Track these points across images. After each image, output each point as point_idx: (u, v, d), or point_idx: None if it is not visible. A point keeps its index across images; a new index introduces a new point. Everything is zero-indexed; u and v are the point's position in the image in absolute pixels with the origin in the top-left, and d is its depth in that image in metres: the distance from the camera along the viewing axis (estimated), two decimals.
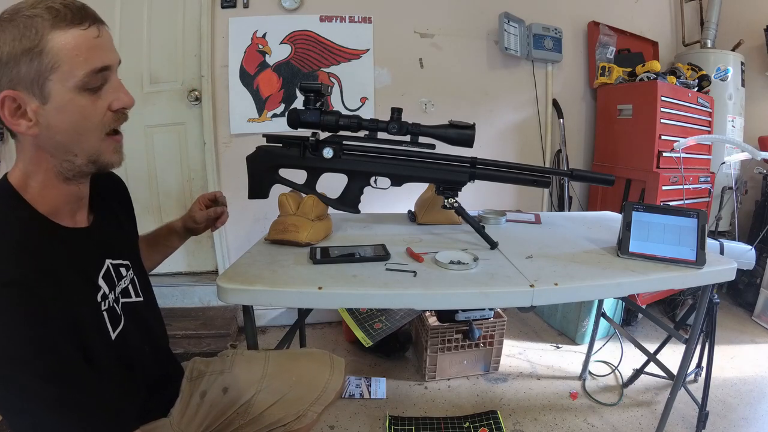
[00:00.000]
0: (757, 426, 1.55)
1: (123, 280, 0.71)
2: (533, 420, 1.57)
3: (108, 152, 0.63)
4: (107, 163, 0.64)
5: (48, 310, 0.51)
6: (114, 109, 0.62)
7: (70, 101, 0.56)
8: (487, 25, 2.30)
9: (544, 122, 2.45)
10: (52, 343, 0.50)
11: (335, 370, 0.90)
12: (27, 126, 0.57)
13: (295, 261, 0.98)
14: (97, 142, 0.61)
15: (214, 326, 2.07)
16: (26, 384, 0.48)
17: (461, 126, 1.04)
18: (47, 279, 0.52)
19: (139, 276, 0.77)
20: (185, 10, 2.07)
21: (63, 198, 0.63)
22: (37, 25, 0.54)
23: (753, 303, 2.34)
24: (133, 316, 0.70)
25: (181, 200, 2.26)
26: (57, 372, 0.49)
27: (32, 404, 0.48)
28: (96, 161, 0.62)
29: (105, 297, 0.64)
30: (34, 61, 0.54)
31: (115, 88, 0.61)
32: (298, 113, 1.04)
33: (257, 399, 0.85)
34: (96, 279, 0.64)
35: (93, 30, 0.57)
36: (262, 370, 0.88)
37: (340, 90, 2.19)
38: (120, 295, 0.69)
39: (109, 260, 0.68)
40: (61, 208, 0.63)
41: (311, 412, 0.85)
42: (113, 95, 0.61)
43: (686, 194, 2.06)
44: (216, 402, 0.84)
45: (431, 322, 1.77)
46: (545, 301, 0.89)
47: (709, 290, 1.18)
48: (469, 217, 1.13)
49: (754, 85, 2.55)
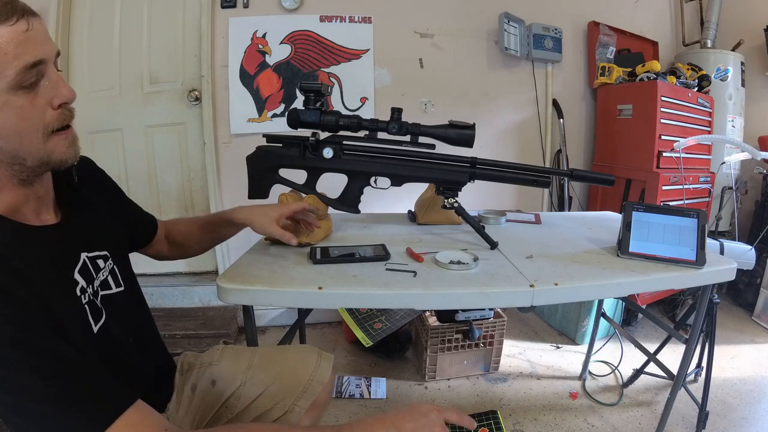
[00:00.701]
0: (757, 426, 1.55)
1: (101, 272, 0.70)
2: (533, 420, 1.57)
3: (59, 150, 0.59)
4: (60, 161, 0.60)
5: (24, 309, 0.50)
6: (55, 106, 0.58)
7: (5, 103, 0.53)
8: (487, 25, 2.30)
9: (544, 122, 2.45)
10: (33, 340, 0.49)
11: (321, 363, 0.88)
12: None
13: (295, 261, 0.98)
14: (43, 143, 0.57)
15: (214, 326, 2.07)
16: (16, 382, 0.48)
17: (461, 126, 1.04)
18: (17, 280, 0.51)
19: (119, 265, 0.75)
20: (185, 10, 2.07)
21: (21, 199, 0.60)
22: None
23: (753, 303, 2.34)
24: (115, 308, 0.69)
25: (181, 200, 2.26)
26: (44, 366, 0.49)
27: (27, 401, 0.49)
28: (48, 161, 0.59)
29: (84, 291, 0.63)
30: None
31: (53, 83, 0.57)
32: (298, 113, 1.04)
33: (242, 391, 0.84)
34: (71, 274, 0.63)
35: (21, 24, 0.53)
36: (248, 362, 0.88)
37: (340, 90, 2.19)
38: (99, 287, 0.68)
39: (84, 254, 0.67)
40: (22, 208, 0.61)
41: (298, 408, 0.83)
42: (52, 91, 0.57)
43: (686, 194, 2.06)
44: (205, 395, 0.84)
45: (431, 322, 1.77)
46: (545, 301, 0.89)
47: (709, 290, 1.18)
48: (469, 217, 1.13)
49: (754, 85, 2.55)
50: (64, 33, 2.00)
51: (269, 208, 0.98)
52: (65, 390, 0.50)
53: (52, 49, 0.58)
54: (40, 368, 0.49)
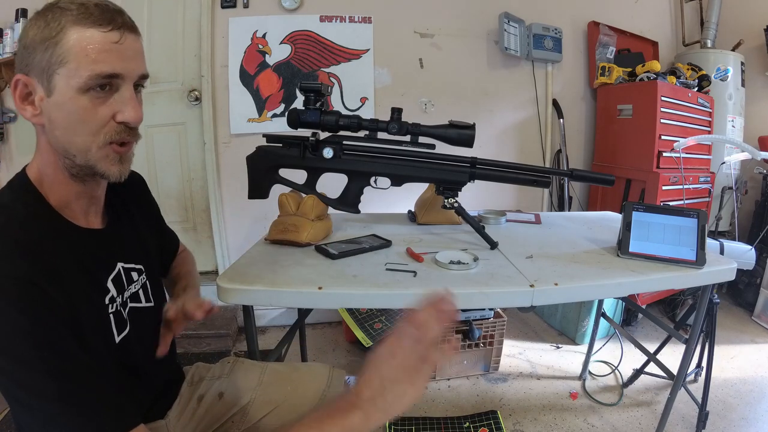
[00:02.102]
0: (757, 426, 1.55)
1: (134, 284, 0.71)
2: (533, 420, 1.57)
3: (104, 161, 0.60)
4: (104, 172, 0.61)
5: (50, 307, 0.51)
6: (117, 121, 0.59)
7: (71, 99, 0.56)
8: (487, 25, 2.30)
9: (544, 122, 2.45)
10: (53, 340, 0.50)
11: (333, 382, 0.88)
12: (32, 113, 0.57)
13: (295, 261, 0.98)
14: (93, 148, 0.59)
15: (214, 326, 2.07)
16: (29, 380, 0.48)
17: (461, 126, 1.04)
18: (50, 277, 0.52)
19: (151, 281, 0.76)
20: (185, 10, 2.07)
21: (72, 195, 0.62)
22: (62, 18, 0.54)
23: (753, 303, 2.34)
24: (140, 322, 0.70)
25: (181, 200, 2.26)
26: (59, 368, 0.49)
27: (36, 399, 0.49)
28: (93, 168, 0.60)
29: (113, 300, 0.64)
30: (48, 51, 0.54)
31: (124, 100, 0.59)
32: (298, 113, 1.04)
33: (252, 407, 0.84)
34: (105, 281, 0.63)
35: (114, 34, 0.56)
36: (258, 378, 0.87)
37: (340, 90, 2.19)
38: (129, 299, 0.69)
39: (120, 264, 0.68)
40: (71, 203, 0.62)
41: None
42: (120, 107, 0.59)
43: (686, 194, 2.06)
44: (211, 406, 0.84)
45: None
46: (545, 301, 0.89)
47: (709, 290, 1.18)
48: (469, 217, 1.13)
49: (754, 85, 2.55)
50: None
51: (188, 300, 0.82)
52: (77, 396, 0.50)
53: (137, 69, 0.60)
54: (56, 370, 0.49)
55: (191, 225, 2.31)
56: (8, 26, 1.91)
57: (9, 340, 0.48)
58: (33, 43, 0.55)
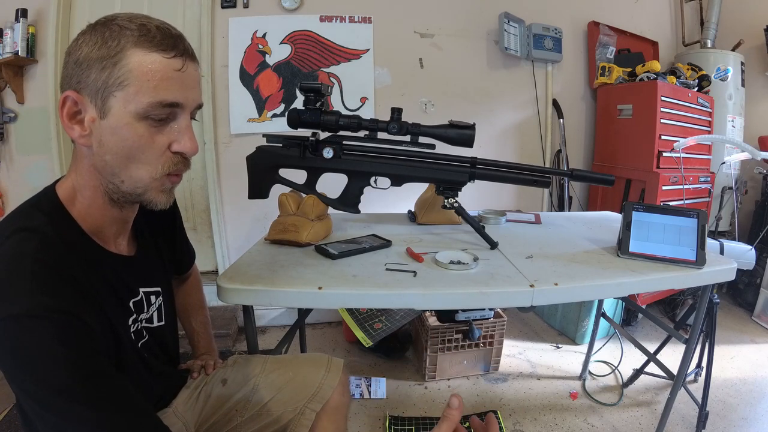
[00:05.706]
0: (757, 426, 1.55)
1: (151, 307, 0.72)
2: (533, 420, 1.57)
3: (155, 190, 0.59)
4: (151, 201, 0.60)
5: (90, 337, 0.50)
6: (173, 151, 0.58)
7: (127, 125, 0.53)
8: (487, 25, 2.30)
9: (544, 122, 2.45)
10: (93, 371, 0.49)
11: (332, 369, 0.90)
12: (80, 133, 0.54)
13: (295, 261, 0.98)
14: (147, 177, 0.57)
15: (214, 326, 2.03)
16: (69, 411, 0.47)
17: (461, 126, 1.04)
18: (86, 303, 0.51)
19: (166, 300, 0.77)
20: (185, 10, 2.07)
21: (107, 219, 0.61)
22: (122, 37, 0.52)
23: (753, 303, 2.34)
24: (149, 339, 0.72)
25: (181, 200, 2.26)
26: (98, 397, 0.49)
27: (73, 428, 0.48)
28: (140, 196, 0.59)
29: (135, 321, 0.66)
30: (105, 70, 0.52)
31: (182, 130, 0.57)
32: (298, 113, 1.04)
33: (255, 394, 0.85)
34: (128, 304, 0.65)
35: (176, 62, 0.54)
36: (261, 366, 0.90)
37: (340, 90, 2.19)
38: (145, 320, 0.70)
39: (143, 289, 0.69)
40: (105, 229, 0.61)
41: (309, 410, 0.84)
42: (176, 136, 0.57)
43: (686, 194, 2.06)
44: (214, 392, 0.86)
45: (431, 322, 1.77)
46: (545, 301, 0.89)
47: (709, 290, 1.18)
48: (469, 217, 1.13)
49: (754, 85, 2.56)
50: (64, 33, 2.00)
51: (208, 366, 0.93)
52: (114, 423, 0.50)
53: (195, 99, 0.59)
54: (95, 399, 0.48)
55: (191, 225, 2.31)
56: (8, 26, 1.91)
57: (49, 371, 0.47)
58: (88, 59, 0.52)
